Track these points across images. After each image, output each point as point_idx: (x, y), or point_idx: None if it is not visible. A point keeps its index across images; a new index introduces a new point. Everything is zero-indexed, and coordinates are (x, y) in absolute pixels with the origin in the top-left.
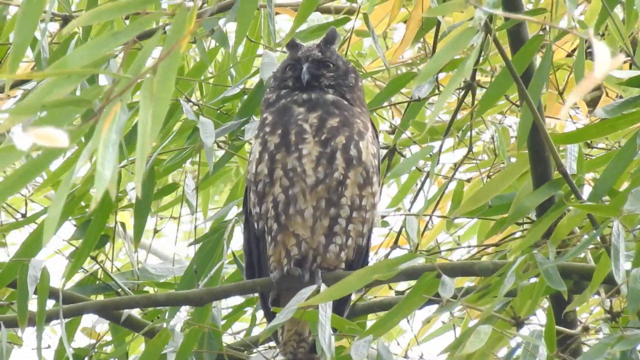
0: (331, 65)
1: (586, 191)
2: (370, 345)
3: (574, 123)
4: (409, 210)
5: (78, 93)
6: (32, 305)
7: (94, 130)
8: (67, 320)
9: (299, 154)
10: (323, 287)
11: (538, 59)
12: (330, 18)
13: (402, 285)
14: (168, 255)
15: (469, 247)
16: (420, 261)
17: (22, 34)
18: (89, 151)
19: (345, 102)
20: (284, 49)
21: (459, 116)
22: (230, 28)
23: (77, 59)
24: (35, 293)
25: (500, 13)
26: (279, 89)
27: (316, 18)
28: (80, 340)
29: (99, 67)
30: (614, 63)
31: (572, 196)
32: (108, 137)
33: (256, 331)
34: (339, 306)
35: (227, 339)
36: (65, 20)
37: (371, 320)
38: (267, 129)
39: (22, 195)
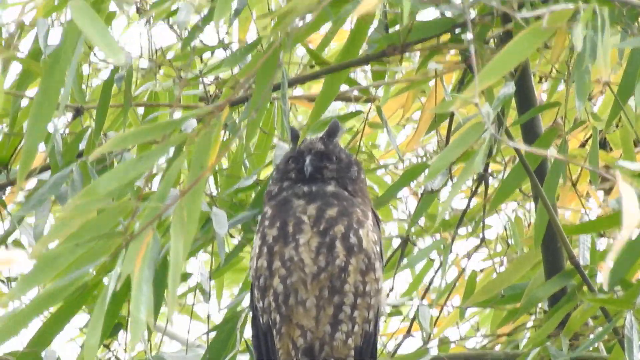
0: (334, 158)
1: (599, 279)
2: None
3: (587, 213)
4: (422, 299)
5: None
6: None
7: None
8: None
9: (295, 244)
10: None
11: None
12: (352, 106)
13: None
14: (183, 337)
15: (482, 336)
16: (429, 357)
17: (33, 136)
18: (119, 279)
19: (346, 194)
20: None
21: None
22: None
23: (105, 184)
24: None
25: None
26: (281, 181)
27: (333, 107)
28: None
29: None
30: None
31: (585, 287)
32: (141, 275)
33: None
34: None
35: None
36: (77, 111)
37: None
38: (267, 223)
39: None
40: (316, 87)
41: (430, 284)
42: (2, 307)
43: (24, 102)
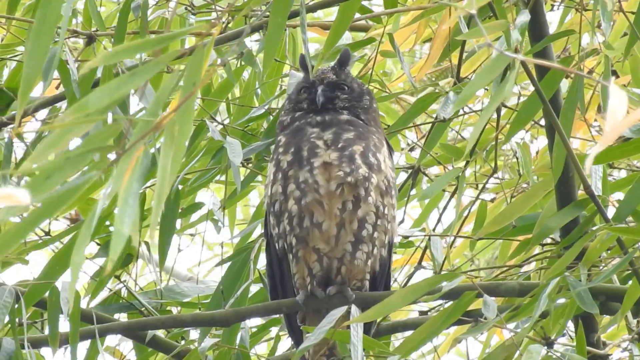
0: (346, 87)
1: (609, 212)
2: None
3: (595, 143)
4: (433, 230)
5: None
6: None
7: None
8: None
9: (310, 167)
10: (354, 307)
11: None
12: (362, 35)
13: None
14: (186, 276)
15: (493, 267)
16: (459, 280)
17: (34, 60)
18: (109, 196)
19: (360, 122)
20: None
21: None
22: (253, 45)
23: (96, 101)
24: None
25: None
26: (293, 111)
27: (346, 37)
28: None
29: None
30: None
31: (598, 217)
32: (129, 189)
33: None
34: (366, 326)
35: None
36: (90, 38)
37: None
38: (281, 150)
39: None
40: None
41: (441, 214)
42: None
43: None
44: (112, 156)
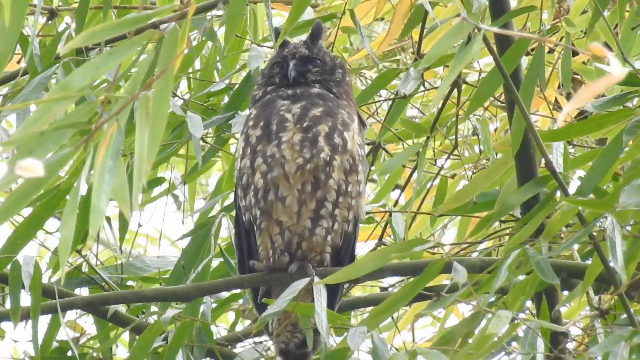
0: (318, 61)
1: (570, 190)
2: (364, 337)
3: (554, 119)
4: (394, 206)
5: None
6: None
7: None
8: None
9: (278, 142)
10: (316, 279)
11: None
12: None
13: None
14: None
15: (457, 243)
16: (429, 245)
17: (7, 37)
18: (87, 169)
19: (331, 96)
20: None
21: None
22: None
23: (79, 80)
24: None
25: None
26: (265, 85)
27: (307, 12)
28: (63, 334)
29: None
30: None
31: (559, 194)
32: (104, 165)
33: (239, 327)
34: (329, 301)
35: (217, 334)
36: (52, 14)
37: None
38: (250, 123)
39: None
40: None
41: (402, 190)
42: None
43: None
44: None
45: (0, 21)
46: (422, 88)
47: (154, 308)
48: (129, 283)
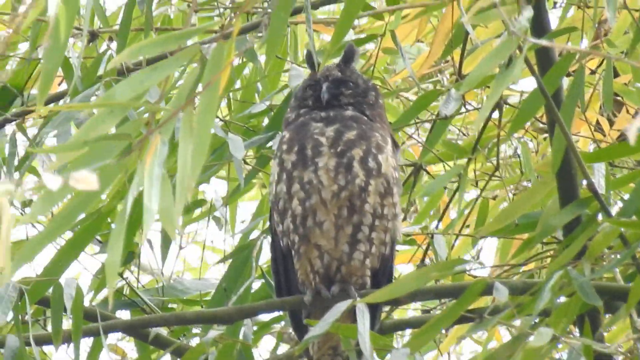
0: (351, 83)
1: (612, 211)
2: (407, 358)
3: (596, 141)
4: (436, 228)
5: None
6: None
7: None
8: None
9: (315, 167)
10: (359, 303)
11: None
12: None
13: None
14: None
15: (499, 265)
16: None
17: (50, 62)
18: (136, 185)
19: (365, 118)
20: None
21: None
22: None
23: (122, 93)
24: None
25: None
26: (298, 108)
27: (348, 34)
28: (105, 357)
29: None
30: None
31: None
32: (152, 171)
33: (281, 349)
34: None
35: (258, 356)
36: (93, 36)
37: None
38: (284, 147)
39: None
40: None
41: (444, 212)
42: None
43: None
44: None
45: (50, 40)
46: (462, 109)
47: (195, 330)
48: (170, 305)
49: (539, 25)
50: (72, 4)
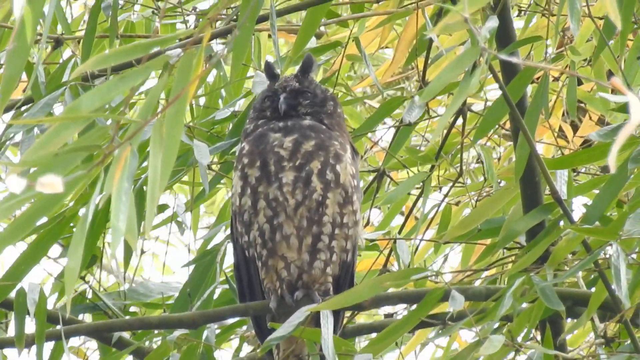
0: (309, 94)
1: (574, 216)
2: None
3: (559, 147)
4: (398, 233)
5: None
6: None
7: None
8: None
9: (279, 184)
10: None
11: None
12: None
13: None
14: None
15: (459, 271)
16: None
17: (13, 67)
18: (103, 197)
19: (323, 127)
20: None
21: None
22: (218, 47)
23: (88, 103)
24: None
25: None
26: (257, 119)
27: (311, 41)
28: None
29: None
30: None
31: (564, 221)
32: (120, 186)
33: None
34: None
35: (219, 358)
36: (57, 42)
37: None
38: (245, 160)
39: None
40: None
41: (407, 217)
42: None
43: None
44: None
45: (15, 42)
46: (426, 116)
47: (157, 331)
48: (132, 309)
49: (504, 33)
50: (36, 8)
